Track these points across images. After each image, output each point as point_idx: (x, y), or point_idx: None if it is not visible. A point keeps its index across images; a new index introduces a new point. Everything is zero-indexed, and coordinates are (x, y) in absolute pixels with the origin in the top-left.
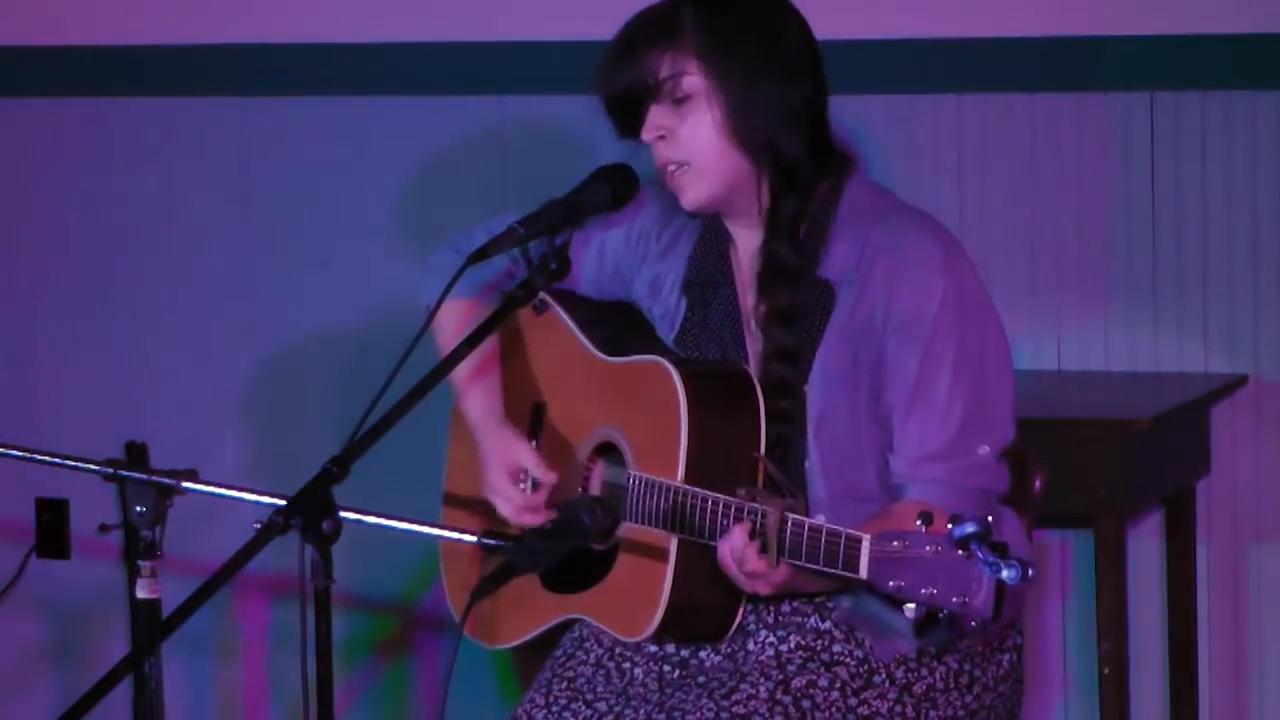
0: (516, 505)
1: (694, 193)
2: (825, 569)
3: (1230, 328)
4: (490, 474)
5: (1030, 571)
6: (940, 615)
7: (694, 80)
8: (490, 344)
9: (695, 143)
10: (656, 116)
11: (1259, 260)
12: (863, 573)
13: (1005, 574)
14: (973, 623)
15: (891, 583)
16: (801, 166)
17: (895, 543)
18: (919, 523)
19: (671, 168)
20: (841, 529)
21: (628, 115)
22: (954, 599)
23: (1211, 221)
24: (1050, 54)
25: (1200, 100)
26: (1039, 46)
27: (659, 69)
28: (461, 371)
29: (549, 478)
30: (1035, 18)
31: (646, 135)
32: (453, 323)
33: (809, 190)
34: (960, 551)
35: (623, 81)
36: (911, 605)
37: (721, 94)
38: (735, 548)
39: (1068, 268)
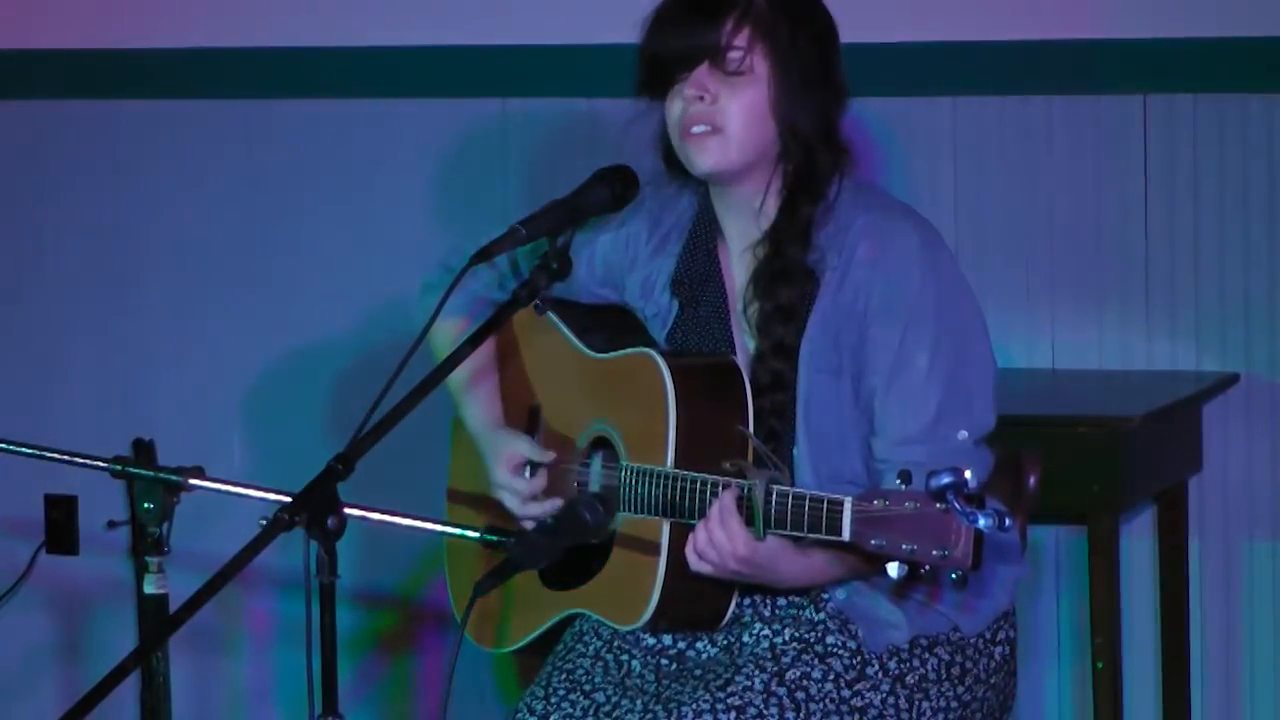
0: (521, 495)
1: (716, 159)
2: (810, 534)
3: (1222, 327)
4: (494, 472)
5: (1007, 521)
6: (922, 571)
7: (759, 60)
8: (488, 351)
9: (736, 117)
10: (706, 78)
11: (1250, 260)
12: (845, 534)
13: (982, 522)
14: (954, 575)
15: (873, 541)
16: (825, 180)
17: (877, 501)
18: (898, 482)
19: (699, 128)
20: (824, 494)
21: (666, 70)
22: (934, 553)
23: (1204, 222)
24: (1044, 57)
25: (1192, 103)
26: (1033, 50)
27: (732, 37)
28: (461, 382)
29: (546, 457)
30: (1029, 21)
31: (690, 91)
32: (449, 340)
33: (823, 198)
34: (938, 504)
35: (690, 38)
36: (894, 564)
37: (778, 85)
38: (711, 515)
39: (1061, 268)
